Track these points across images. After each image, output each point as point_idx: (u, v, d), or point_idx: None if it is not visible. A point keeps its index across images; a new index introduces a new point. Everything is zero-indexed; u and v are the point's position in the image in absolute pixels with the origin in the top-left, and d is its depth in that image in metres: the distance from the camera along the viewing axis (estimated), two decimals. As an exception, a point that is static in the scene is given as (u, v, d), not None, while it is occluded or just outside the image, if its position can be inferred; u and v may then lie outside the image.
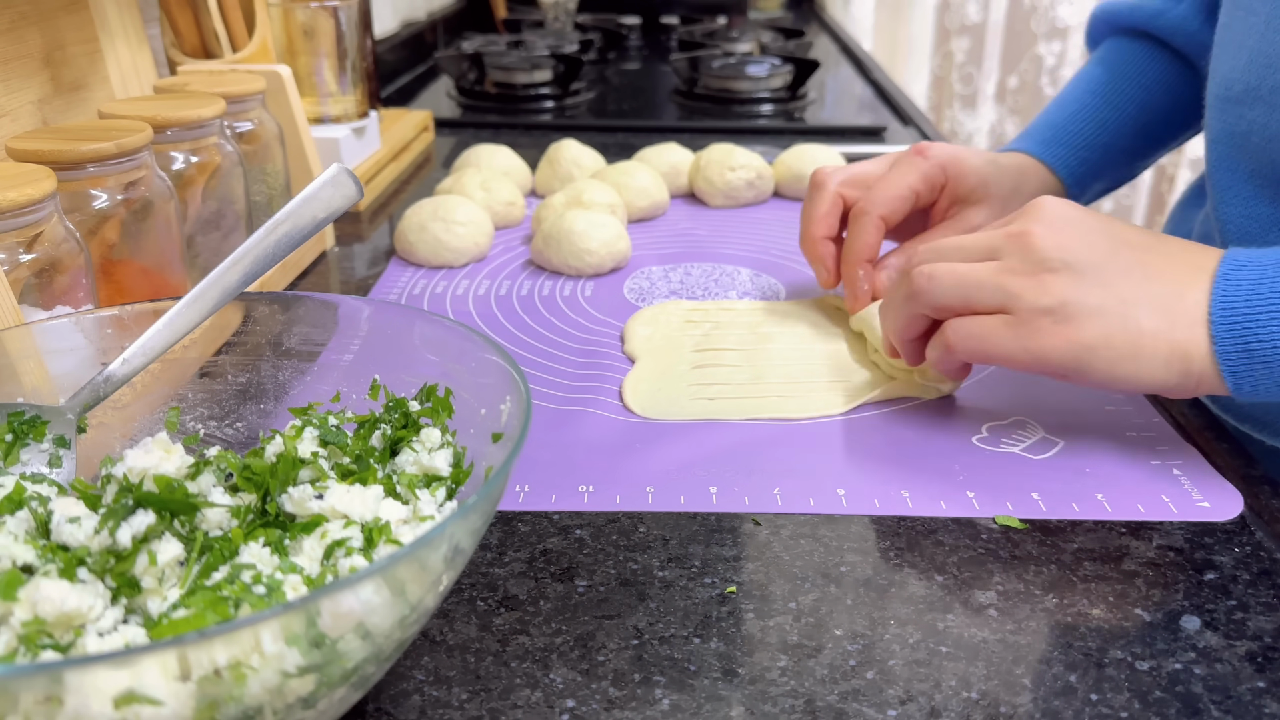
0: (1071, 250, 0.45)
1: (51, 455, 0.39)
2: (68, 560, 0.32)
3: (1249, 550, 0.42)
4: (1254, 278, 0.43)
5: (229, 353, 0.45)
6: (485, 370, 0.39)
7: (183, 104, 0.61)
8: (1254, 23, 0.55)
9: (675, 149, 0.94)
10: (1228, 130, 0.57)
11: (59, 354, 0.42)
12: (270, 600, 0.30)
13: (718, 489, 0.47)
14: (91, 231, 0.53)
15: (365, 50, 0.94)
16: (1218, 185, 0.59)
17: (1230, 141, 0.57)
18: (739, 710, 0.34)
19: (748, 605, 0.39)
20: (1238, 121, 0.56)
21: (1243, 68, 0.55)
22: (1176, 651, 0.37)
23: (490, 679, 0.36)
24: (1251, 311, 0.42)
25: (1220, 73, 0.58)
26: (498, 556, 0.42)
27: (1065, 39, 2.49)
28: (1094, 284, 0.44)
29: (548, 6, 1.81)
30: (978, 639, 0.38)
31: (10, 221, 0.45)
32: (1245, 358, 0.42)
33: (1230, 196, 0.58)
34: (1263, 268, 0.44)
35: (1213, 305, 0.43)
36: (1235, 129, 0.57)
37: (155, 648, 0.24)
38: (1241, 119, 0.56)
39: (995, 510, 0.45)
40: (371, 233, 0.84)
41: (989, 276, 0.46)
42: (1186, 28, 0.71)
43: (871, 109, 1.28)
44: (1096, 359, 0.44)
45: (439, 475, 0.38)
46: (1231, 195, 0.58)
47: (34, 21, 0.63)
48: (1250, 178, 0.57)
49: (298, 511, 0.35)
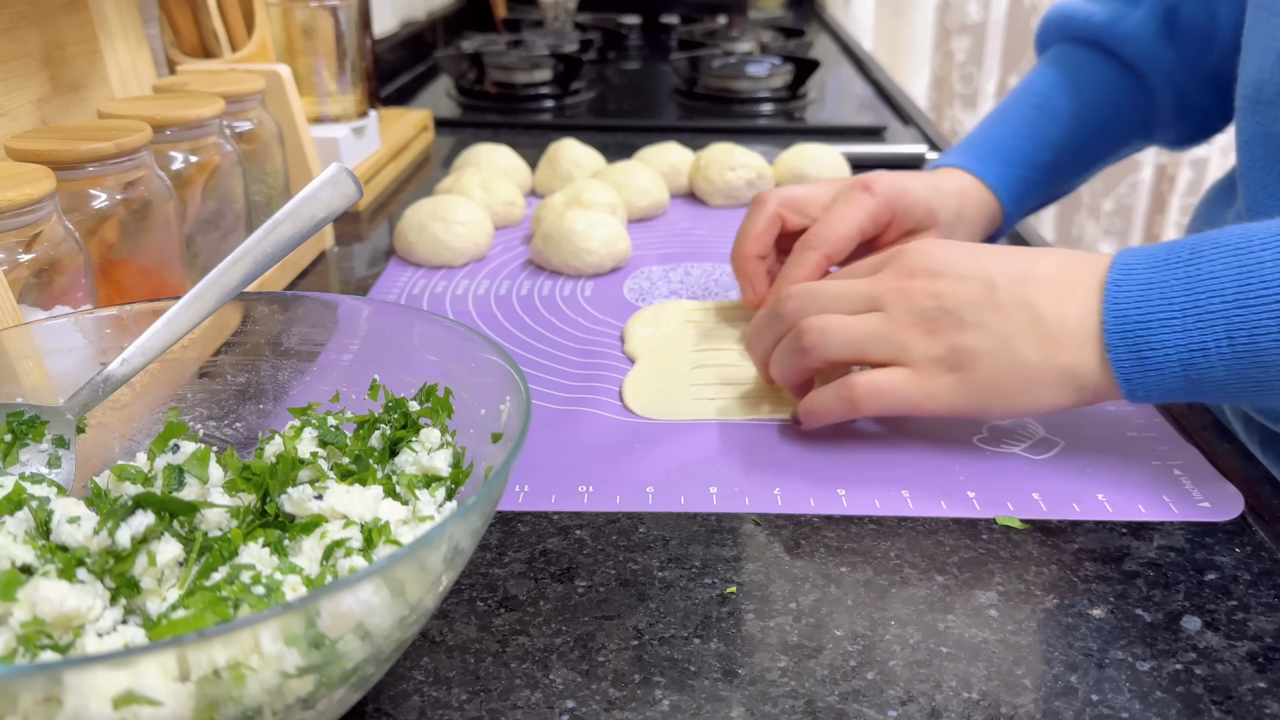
0: (950, 296, 0.46)
1: (51, 455, 0.39)
2: (67, 561, 0.32)
3: (1250, 550, 0.42)
4: (1142, 283, 0.43)
5: (228, 353, 0.45)
6: (485, 370, 0.39)
7: (182, 104, 0.61)
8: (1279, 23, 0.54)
9: (675, 149, 0.94)
10: (1262, 132, 0.57)
11: (58, 354, 0.42)
12: (269, 601, 0.30)
13: (718, 489, 0.47)
14: (91, 231, 0.53)
15: (365, 50, 0.94)
16: (1251, 186, 0.59)
17: (1266, 143, 0.57)
18: (739, 711, 0.34)
19: (748, 605, 0.39)
20: (1274, 123, 0.56)
21: (1271, 68, 0.55)
22: (1177, 652, 0.37)
23: (490, 679, 0.36)
24: (1143, 319, 0.43)
25: (1249, 75, 0.58)
26: (498, 557, 0.42)
27: (1065, 38, 2.49)
28: (976, 327, 0.45)
29: (548, 6, 1.81)
30: (978, 639, 0.38)
31: (9, 221, 0.45)
32: (1139, 366, 0.43)
33: (1266, 197, 0.57)
34: (1150, 271, 0.44)
35: (1105, 317, 0.44)
36: (1271, 130, 0.56)
37: (154, 648, 0.24)
38: (1278, 120, 0.55)
39: (996, 510, 0.45)
40: (371, 232, 0.84)
41: (880, 330, 0.47)
42: (1139, 38, 0.70)
43: (872, 109, 1.28)
44: (993, 398, 0.46)
45: (439, 475, 0.38)
46: (1267, 196, 0.57)
47: (33, 21, 0.63)
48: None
49: (297, 512, 0.35)
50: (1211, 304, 0.41)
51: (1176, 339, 0.42)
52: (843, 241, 0.60)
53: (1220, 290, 0.41)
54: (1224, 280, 0.42)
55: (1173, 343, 0.42)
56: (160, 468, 0.36)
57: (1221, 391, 0.43)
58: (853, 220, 0.60)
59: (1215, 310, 0.41)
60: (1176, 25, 0.69)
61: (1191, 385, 0.43)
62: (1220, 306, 0.41)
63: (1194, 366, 0.42)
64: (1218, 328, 0.41)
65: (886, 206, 0.61)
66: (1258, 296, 0.41)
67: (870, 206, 0.60)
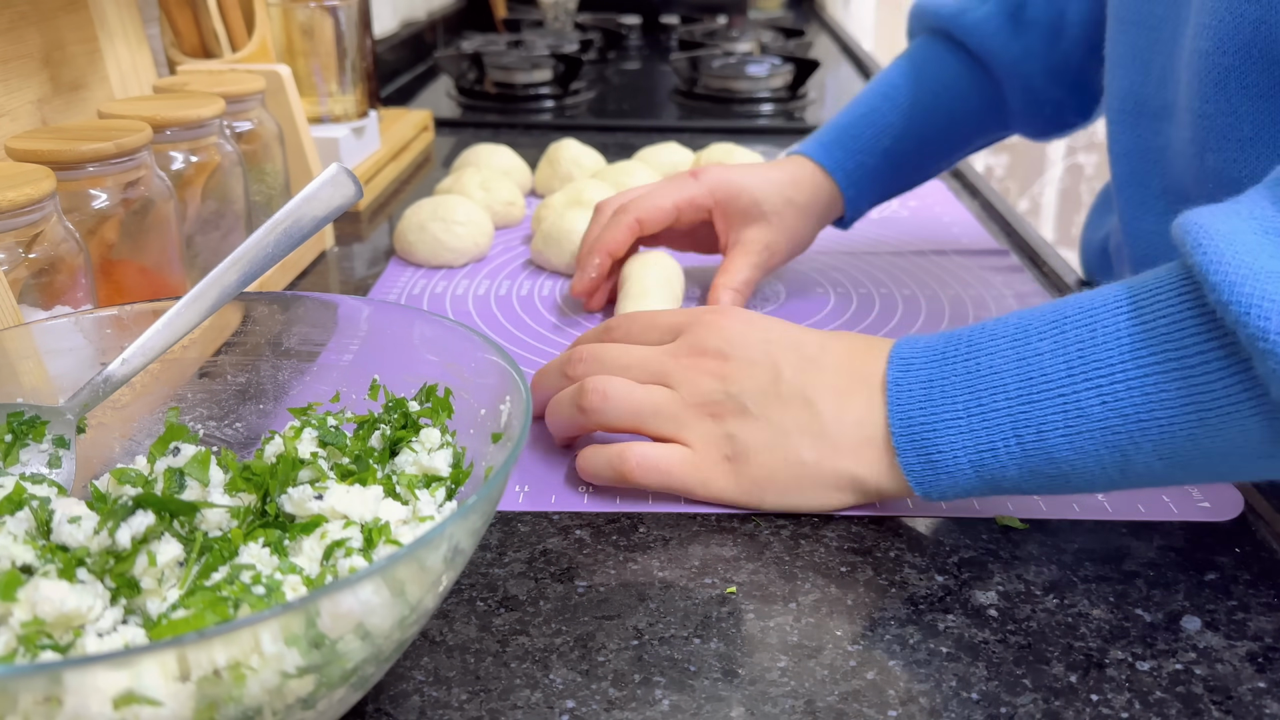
0: (735, 381, 0.44)
1: (51, 456, 0.39)
2: (67, 561, 0.32)
3: (1249, 550, 0.42)
4: (924, 381, 0.42)
5: (228, 353, 0.45)
6: (485, 370, 0.39)
7: (182, 104, 0.61)
8: (1157, 38, 0.53)
9: (675, 149, 0.94)
10: (1140, 146, 0.56)
11: (58, 354, 0.42)
12: (270, 601, 0.30)
13: (718, 489, 0.47)
14: (91, 231, 0.53)
15: (365, 50, 0.94)
16: (1127, 201, 0.58)
17: (1143, 157, 0.56)
18: (739, 711, 0.34)
19: (748, 605, 0.39)
20: (1153, 136, 0.55)
21: (1155, 83, 0.54)
22: (1177, 652, 0.37)
23: (490, 679, 0.36)
24: (928, 421, 0.41)
25: (1121, 87, 0.57)
26: (498, 557, 0.42)
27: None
28: (757, 417, 0.44)
29: (548, 6, 1.81)
30: (978, 639, 0.38)
31: (9, 221, 0.45)
32: (930, 469, 0.41)
33: (1142, 213, 0.56)
34: (930, 367, 0.42)
35: (890, 420, 0.42)
36: (1150, 144, 0.55)
37: (154, 648, 0.24)
38: (1158, 134, 0.54)
39: (996, 510, 0.45)
40: (371, 232, 0.84)
41: (663, 405, 0.45)
42: (985, 29, 0.69)
43: (871, 109, 1.28)
44: (766, 494, 0.44)
45: (439, 475, 0.38)
46: (1144, 211, 0.56)
47: (33, 21, 0.63)
48: (1163, 194, 0.55)
49: (297, 512, 0.35)
50: (996, 401, 0.40)
51: (965, 440, 0.40)
52: (657, 213, 0.64)
53: (1003, 386, 0.40)
54: (1005, 376, 0.40)
55: (961, 444, 0.40)
56: (161, 470, 0.36)
57: (1018, 488, 0.41)
58: (670, 197, 0.65)
59: (1000, 408, 0.40)
60: (1023, 19, 0.69)
61: (987, 485, 0.41)
62: (1005, 404, 0.40)
63: (985, 467, 0.40)
64: (1004, 426, 0.39)
65: (707, 193, 0.65)
66: (1040, 391, 0.39)
67: (691, 190, 0.65)
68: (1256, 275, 0.34)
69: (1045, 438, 0.39)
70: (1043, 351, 0.39)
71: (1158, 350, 0.37)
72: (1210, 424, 0.37)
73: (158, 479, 0.36)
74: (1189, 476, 0.39)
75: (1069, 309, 0.40)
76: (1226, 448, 0.37)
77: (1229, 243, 0.35)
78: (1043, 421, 0.39)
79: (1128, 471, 0.39)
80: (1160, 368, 0.37)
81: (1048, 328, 0.40)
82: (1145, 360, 0.37)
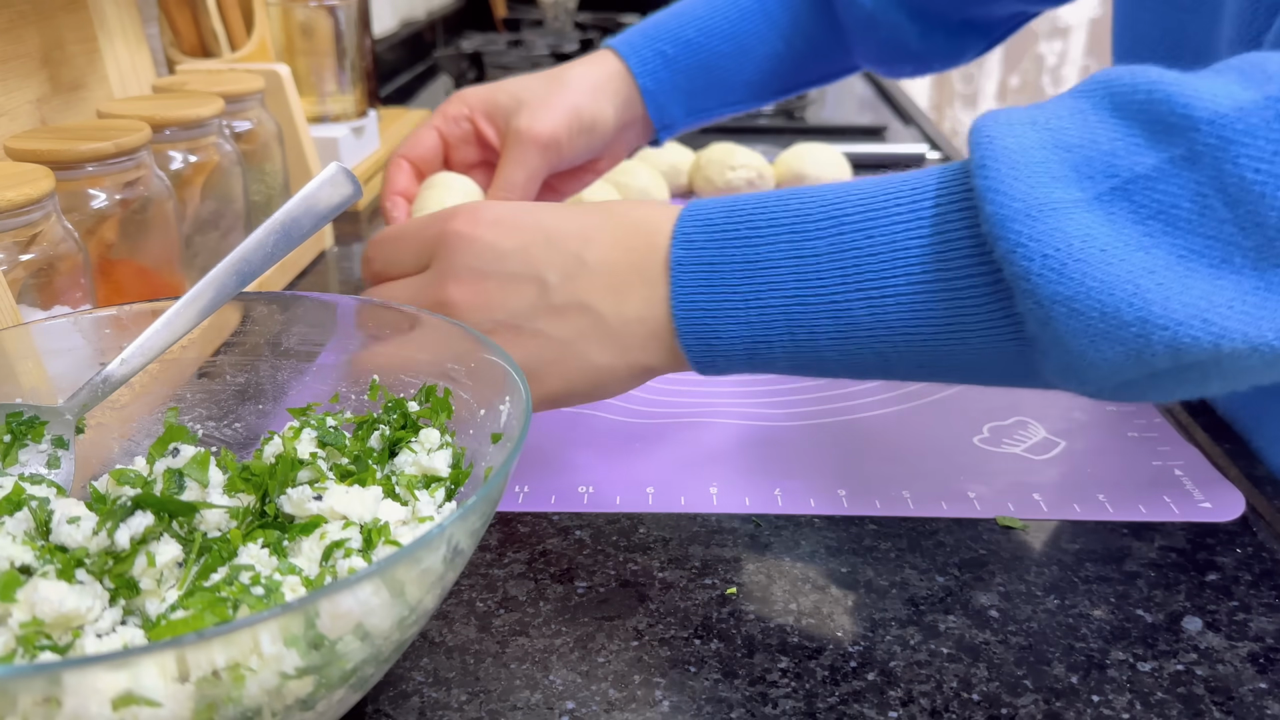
0: (502, 305, 0.43)
1: (50, 456, 0.39)
2: (66, 561, 0.31)
3: (1251, 551, 0.42)
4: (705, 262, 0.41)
5: (227, 353, 0.45)
6: (485, 370, 0.39)
7: (181, 103, 0.61)
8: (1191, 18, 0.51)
9: (675, 148, 0.94)
10: None
11: (57, 354, 0.42)
12: (269, 601, 0.30)
13: (718, 489, 0.47)
14: (90, 231, 0.53)
15: (364, 49, 0.94)
16: None
17: None
18: (739, 712, 0.34)
19: (748, 606, 0.39)
20: None
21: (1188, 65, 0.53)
22: (1178, 652, 0.37)
23: (490, 680, 0.36)
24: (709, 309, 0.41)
25: None
26: (497, 557, 0.42)
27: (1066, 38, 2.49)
28: (534, 334, 0.43)
29: (547, 6, 1.81)
30: (979, 640, 0.37)
31: (9, 221, 0.45)
32: (708, 353, 0.41)
33: None
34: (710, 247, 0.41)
35: (674, 312, 0.41)
36: None
37: (154, 649, 0.24)
38: None
39: (997, 511, 0.45)
40: (370, 232, 0.84)
41: None
42: None
43: (872, 108, 1.28)
44: (572, 399, 0.44)
45: (438, 476, 0.38)
46: None
47: (32, 21, 0.62)
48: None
49: (296, 513, 0.35)
50: (773, 297, 0.40)
51: (742, 331, 0.41)
52: (421, 149, 0.64)
53: (780, 282, 0.40)
54: (782, 272, 0.40)
55: (739, 334, 0.41)
56: (160, 471, 0.36)
57: (787, 372, 0.42)
58: (429, 127, 0.65)
59: (776, 305, 0.40)
60: None
61: (758, 367, 0.42)
62: (780, 301, 0.40)
63: (759, 355, 0.41)
64: (779, 323, 0.40)
65: (460, 103, 0.65)
66: (814, 294, 0.39)
67: (445, 109, 0.65)
68: (1029, 211, 0.34)
69: (816, 338, 0.40)
70: (820, 253, 0.39)
71: (930, 268, 0.38)
72: (971, 345, 0.38)
73: (157, 479, 0.36)
74: (949, 382, 0.42)
75: (848, 206, 0.40)
76: (985, 365, 0.39)
77: (1011, 165, 0.35)
78: (814, 325, 0.40)
79: (889, 374, 0.41)
80: (929, 287, 0.38)
81: (827, 224, 0.40)
82: (916, 277, 0.38)
